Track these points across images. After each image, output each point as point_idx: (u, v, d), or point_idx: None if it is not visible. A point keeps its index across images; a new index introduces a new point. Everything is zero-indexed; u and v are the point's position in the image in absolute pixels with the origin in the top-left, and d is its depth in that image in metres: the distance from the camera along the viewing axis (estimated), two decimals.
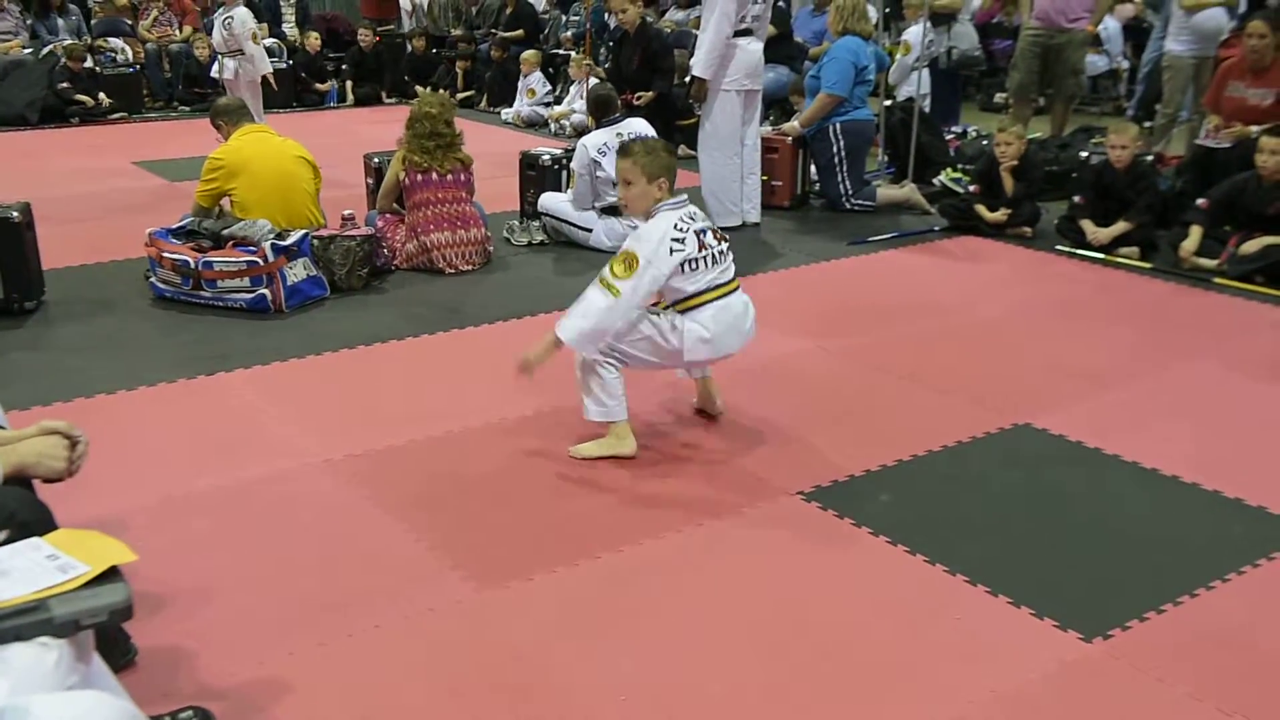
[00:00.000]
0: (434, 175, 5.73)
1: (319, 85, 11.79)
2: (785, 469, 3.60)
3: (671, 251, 3.44)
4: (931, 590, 2.94)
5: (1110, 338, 4.87)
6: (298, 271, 5.17)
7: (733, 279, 3.64)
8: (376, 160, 6.64)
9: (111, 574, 1.81)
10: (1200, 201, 5.92)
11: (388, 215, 6.00)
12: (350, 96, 11.95)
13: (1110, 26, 10.71)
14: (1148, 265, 5.89)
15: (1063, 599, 2.87)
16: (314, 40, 12.00)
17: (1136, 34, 10.91)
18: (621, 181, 3.61)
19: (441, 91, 9.80)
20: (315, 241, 5.34)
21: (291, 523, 3.26)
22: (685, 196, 3.61)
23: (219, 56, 8.31)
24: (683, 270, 3.49)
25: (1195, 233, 5.81)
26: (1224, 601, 2.89)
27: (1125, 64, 11.16)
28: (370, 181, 6.75)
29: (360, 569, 3.01)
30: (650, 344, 3.57)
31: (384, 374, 4.45)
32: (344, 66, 12.16)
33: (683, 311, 3.55)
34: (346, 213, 5.62)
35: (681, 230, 3.47)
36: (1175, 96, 8.00)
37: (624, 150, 3.61)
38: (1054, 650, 2.68)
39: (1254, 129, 6.16)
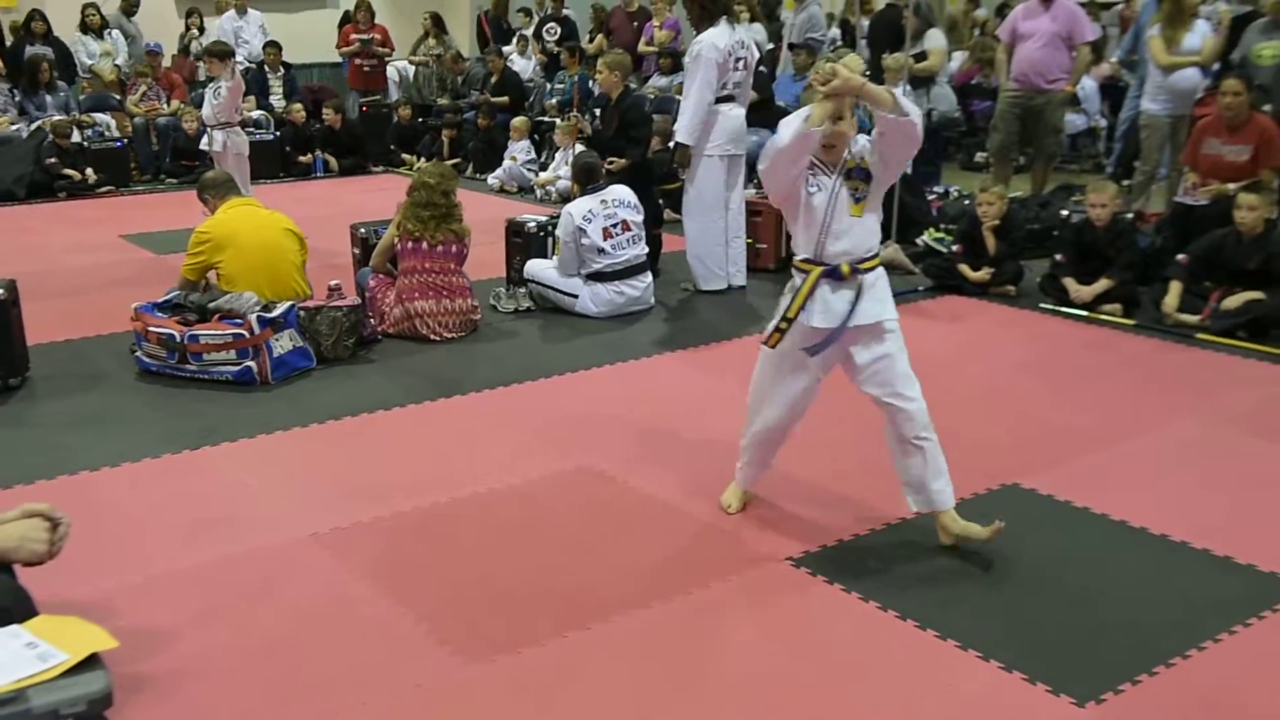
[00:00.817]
0: (424, 244, 5.75)
1: (300, 157, 11.85)
2: (774, 534, 3.59)
3: None
4: (922, 657, 2.92)
5: (1095, 395, 4.89)
6: (284, 343, 5.17)
7: None
8: (363, 230, 6.68)
9: (91, 661, 1.80)
10: (1180, 257, 5.98)
11: (380, 276, 6.02)
12: (334, 165, 11.99)
13: (1088, 86, 10.88)
14: (1131, 322, 5.93)
15: (1054, 663, 2.85)
16: (298, 112, 12.08)
17: (1113, 93, 11.07)
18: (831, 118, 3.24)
19: (444, 162, 9.85)
20: (302, 313, 5.35)
21: (276, 600, 3.23)
22: None
23: (208, 129, 8.36)
24: None
25: (1175, 288, 5.86)
26: (1215, 663, 2.88)
27: (1103, 122, 11.32)
28: (357, 251, 6.77)
29: (347, 645, 2.98)
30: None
31: (371, 445, 4.44)
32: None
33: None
34: (333, 283, 5.63)
35: None
36: (1153, 154, 8.11)
37: None
38: (1048, 716, 2.66)
39: (1231, 186, 6.25)
